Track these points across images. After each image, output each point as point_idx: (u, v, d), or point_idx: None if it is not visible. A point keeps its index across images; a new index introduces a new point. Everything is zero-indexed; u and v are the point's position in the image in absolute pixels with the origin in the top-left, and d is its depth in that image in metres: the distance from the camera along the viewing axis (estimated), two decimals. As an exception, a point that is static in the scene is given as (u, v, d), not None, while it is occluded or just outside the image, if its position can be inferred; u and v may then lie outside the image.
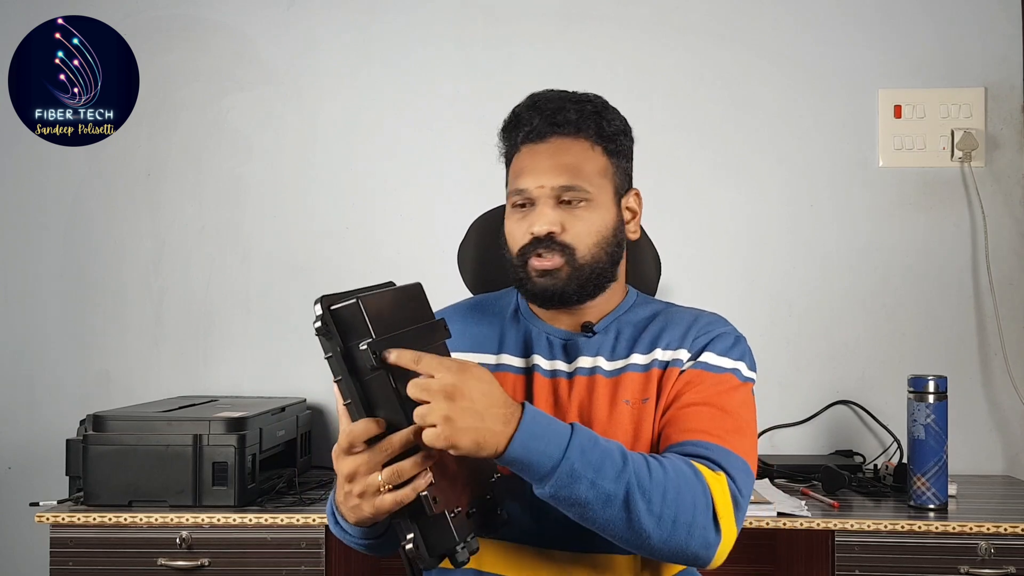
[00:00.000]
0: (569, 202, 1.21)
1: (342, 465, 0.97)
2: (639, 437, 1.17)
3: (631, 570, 1.16)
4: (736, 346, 1.22)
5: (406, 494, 0.94)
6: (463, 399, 0.92)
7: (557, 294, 1.21)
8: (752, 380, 1.21)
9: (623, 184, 1.28)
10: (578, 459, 0.96)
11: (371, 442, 0.95)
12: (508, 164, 1.28)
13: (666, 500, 1.00)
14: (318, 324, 0.93)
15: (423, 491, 0.94)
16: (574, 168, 1.21)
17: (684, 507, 1.01)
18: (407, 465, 0.94)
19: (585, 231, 1.21)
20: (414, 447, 0.94)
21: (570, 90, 1.27)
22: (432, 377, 0.92)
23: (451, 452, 0.93)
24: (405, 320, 1.00)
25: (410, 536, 0.96)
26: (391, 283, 1.06)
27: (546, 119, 1.22)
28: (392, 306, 0.99)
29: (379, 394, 0.94)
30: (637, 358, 1.22)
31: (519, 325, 1.29)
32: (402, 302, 1.02)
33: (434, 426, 0.91)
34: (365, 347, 0.91)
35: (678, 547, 1.02)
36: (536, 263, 1.20)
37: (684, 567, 1.20)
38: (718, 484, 1.05)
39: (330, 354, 0.93)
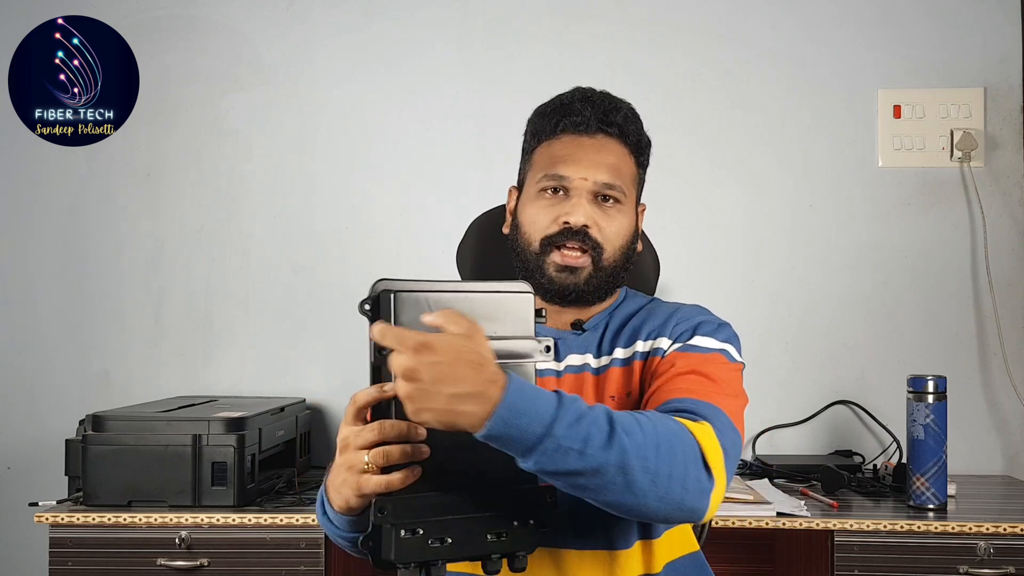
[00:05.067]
0: (604, 200, 1.22)
1: (341, 431, 0.96)
2: None
3: (630, 564, 1.16)
4: (721, 330, 1.20)
5: (388, 481, 0.91)
6: (419, 381, 0.86)
7: (576, 292, 1.21)
8: (742, 363, 1.20)
9: (640, 196, 1.30)
10: (563, 433, 0.90)
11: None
12: (535, 147, 1.26)
13: (659, 457, 0.95)
14: (362, 303, 0.95)
15: (384, 491, 0.92)
16: (616, 169, 1.22)
17: (676, 460, 0.97)
18: (395, 450, 0.91)
19: (615, 232, 1.22)
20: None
21: (612, 94, 1.28)
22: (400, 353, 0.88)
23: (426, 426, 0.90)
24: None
25: (367, 532, 0.95)
26: (524, 286, 1.00)
27: (598, 115, 1.23)
28: (464, 309, 0.95)
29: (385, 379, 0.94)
30: (619, 353, 1.22)
31: None
32: (492, 309, 0.97)
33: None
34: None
35: (674, 502, 0.97)
36: (559, 258, 1.20)
37: (681, 554, 1.21)
38: (703, 432, 1.02)
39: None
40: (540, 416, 0.90)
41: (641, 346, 1.21)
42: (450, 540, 0.94)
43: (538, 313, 0.99)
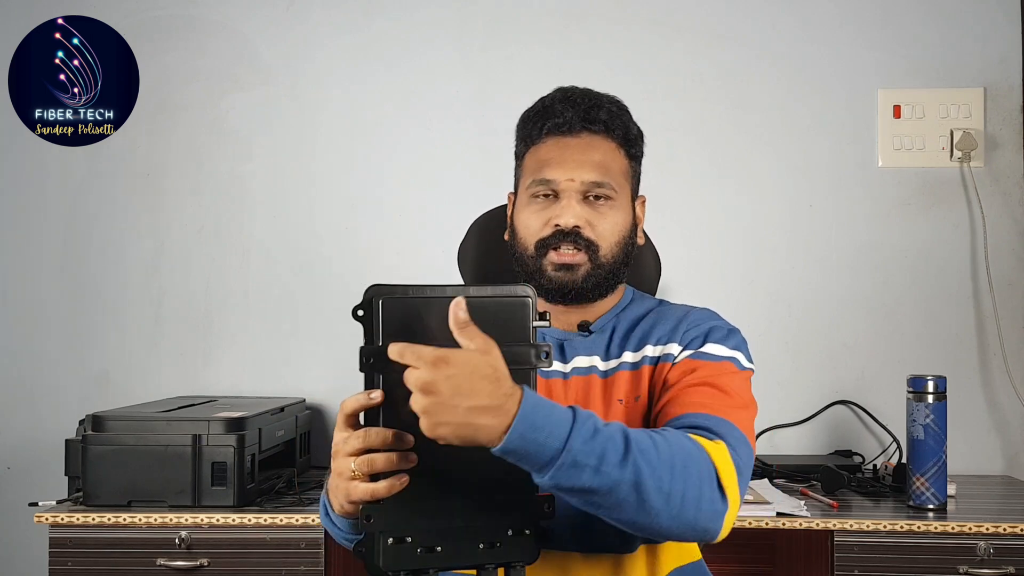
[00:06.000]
0: (596, 199, 1.21)
1: (334, 436, 0.95)
2: None
3: (635, 569, 1.16)
4: (731, 336, 1.21)
5: (374, 489, 0.90)
6: (437, 394, 0.85)
7: (575, 290, 1.21)
8: (751, 370, 1.20)
9: (636, 189, 1.29)
10: (579, 448, 0.90)
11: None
12: (524, 152, 1.27)
13: (674, 477, 0.96)
14: (355, 309, 0.94)
15: (370, 499, 0.91)
16: (603, 166, 1.22)
17: (691, 481, 0.97)
18: (379, 459, 0.90)
19: (609, 230, 1.22)
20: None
21: (595, 90, 1.28)
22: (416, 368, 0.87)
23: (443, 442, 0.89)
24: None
25: (360, 538, 0.95)
26: (522, 285, 0.97)
27: (580, 114, 1.23)
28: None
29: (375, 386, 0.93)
30: (628, 356, 1.22)
31: None
32: (488, 314, 0.94)
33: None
34: (360, 348, 0.92)
35: (688, 523, 0.98)
36: (556, 257, 1.20)
37: (686, 562, 1.20)
38: (718, 452, 1.02)
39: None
40: (557, 431, 0.90)
41: (651, 351, 1.21)
42: (440, 549, 0.93)
43: (541, 316, 0.97)
